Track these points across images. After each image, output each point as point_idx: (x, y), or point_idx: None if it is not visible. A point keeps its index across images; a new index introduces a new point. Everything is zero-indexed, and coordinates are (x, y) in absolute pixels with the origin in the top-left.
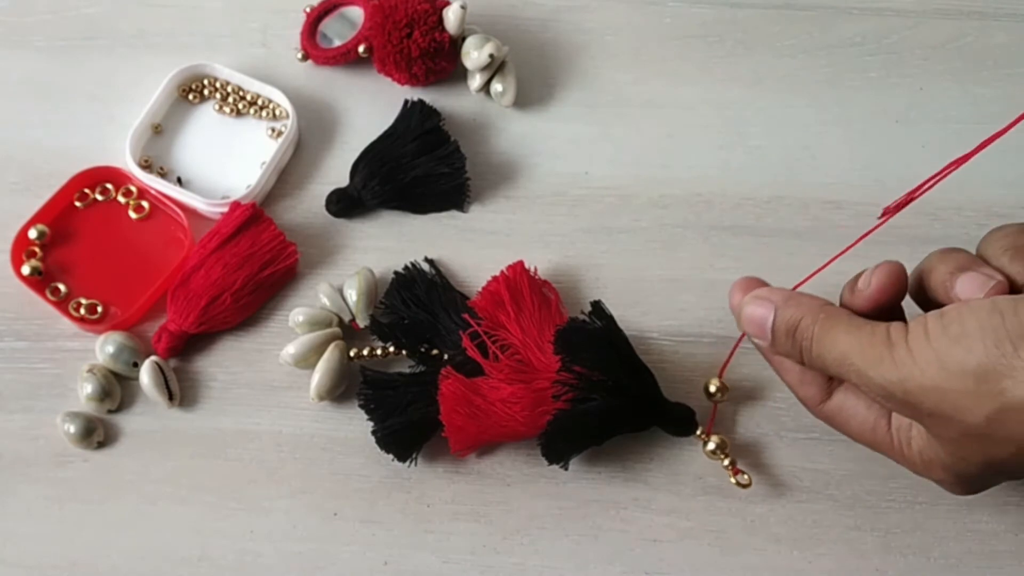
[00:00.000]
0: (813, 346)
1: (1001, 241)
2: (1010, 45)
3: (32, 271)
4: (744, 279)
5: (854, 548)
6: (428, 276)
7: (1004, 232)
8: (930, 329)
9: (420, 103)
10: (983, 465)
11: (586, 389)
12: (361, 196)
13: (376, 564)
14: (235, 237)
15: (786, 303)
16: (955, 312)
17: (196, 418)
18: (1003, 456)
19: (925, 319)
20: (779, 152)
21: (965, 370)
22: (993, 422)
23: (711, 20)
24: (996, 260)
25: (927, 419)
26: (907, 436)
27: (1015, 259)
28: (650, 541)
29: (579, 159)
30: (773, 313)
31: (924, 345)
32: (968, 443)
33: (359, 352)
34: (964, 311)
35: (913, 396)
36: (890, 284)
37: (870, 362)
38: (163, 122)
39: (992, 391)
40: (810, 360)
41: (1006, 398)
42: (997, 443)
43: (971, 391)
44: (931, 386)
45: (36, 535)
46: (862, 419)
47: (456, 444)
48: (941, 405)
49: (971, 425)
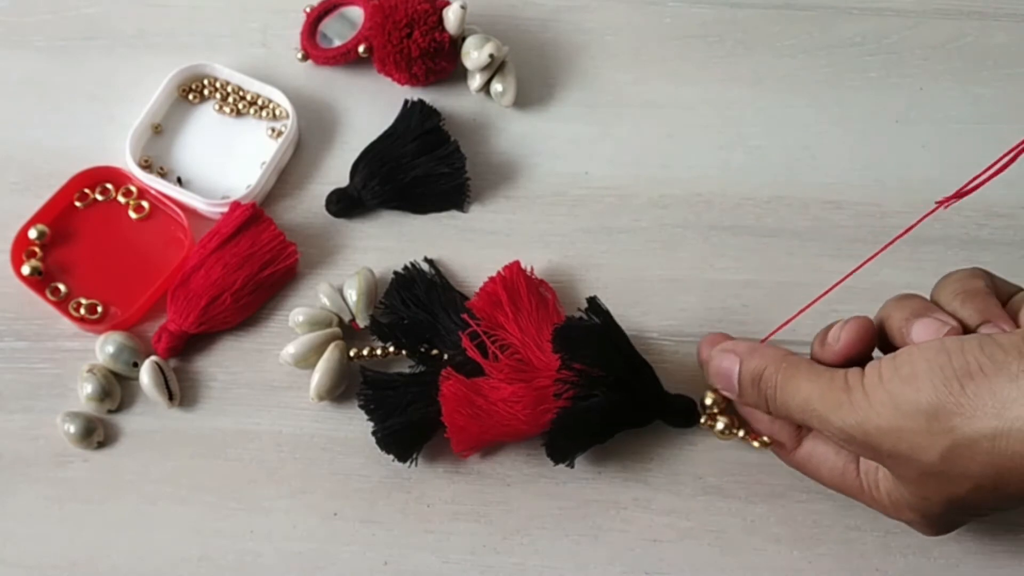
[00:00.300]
0: (777, 394)
1: (952, 286)
2: (1010, 45)
3: (32, 271)
4: (711, 335)
5: (854, 548)
6: (428, 276)
7: (955, 278)
8: (883, 372)
9: (420, 103)
10: (945, 503)
11: (587, 386)
12: (361, 196)
13: (376, 564)
14: (235, 237)
15: (750, 354)
16: (906, 354)
17: (196, 418)
18: (962, 493)
19: (879, 363)
20: (779, 152)
21: (917, 410)
22: (947, 460)
23: (711, 20)
24: (948, 305)
25: (887, 460)
26: (875, 479)
27: (966, 303)
28: (650, 541)
29: (579, 159)
30: (738, 365)
31: (878, 388)
32: (928, 482)
33: (359, 352)
34: (914, 352)
35: (872, 438)
36: (858, 340)
37: (830, 407)
38: (163, 122)
39: (943, 428)
40: (775, 408)
41: (956, 435)
42: (954, 480)
43: (924, 430)
44: (887, 427)
45: (36, 535)
46: (831, 465)
47: (459, 445)
48: (898, 445)
49: (927, 464)
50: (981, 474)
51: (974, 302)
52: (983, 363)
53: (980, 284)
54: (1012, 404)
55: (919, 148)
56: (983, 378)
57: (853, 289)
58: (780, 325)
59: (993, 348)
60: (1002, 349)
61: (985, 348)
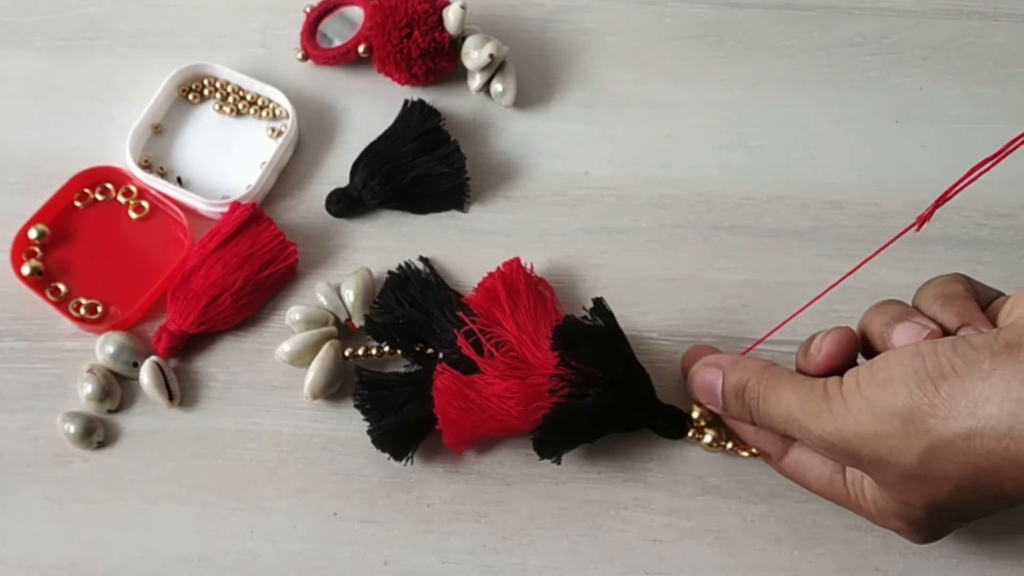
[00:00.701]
0: (760, 405)
1: (932, 291)
2: (1010, 45)
3: (32, 271)
4: (693, 348)
5: (854, 548)
6: (423, 275)
7: (935, 283)
8: (860, 378)
9: (420, 103)
10: (928, 508)
11: (582, 385)
12: (361, 196)
13: (376, 564)
14: (235, 237)
15: (732, 367)
16: (882, 360)
17: (196, 418)
18: (943, 495)
19: (857, 370)
20: (779, 152)
21: (893, 413)
22: (925, 462)
23: (711, 20)
24: (928, 309)
25: (868, 466)
26: (861, 488)
27: (945, 307)
28: (650, 541)
29: (579, 159)
30: (721, 378)
31: (856, 394)
32: (908, 486)
33: (354, 352)
34: (890, 357)
35: (851, 445)
36: (839, 351)
37: (810, 416)
38: (163, 122)
39: (919, 431)
40: (759, 419)
41: (932, 436)
42: (934, 483)
43: (900, 433)
44: (864, 433)
45: (36, 535)
46: (819, 474)
47: (450, 438)
48: (877, 450)
49: (906, 467)
50: (959, 475)
51: (953, 306)
52: (956, 364)
53: (959, 288)
54: (985, 403)
55: (919, 148)
56: (956, 378)
57: (852, 289)
58: (773, 328)
59: (966, 348)
60: (974, 349)
61: (958, 349)
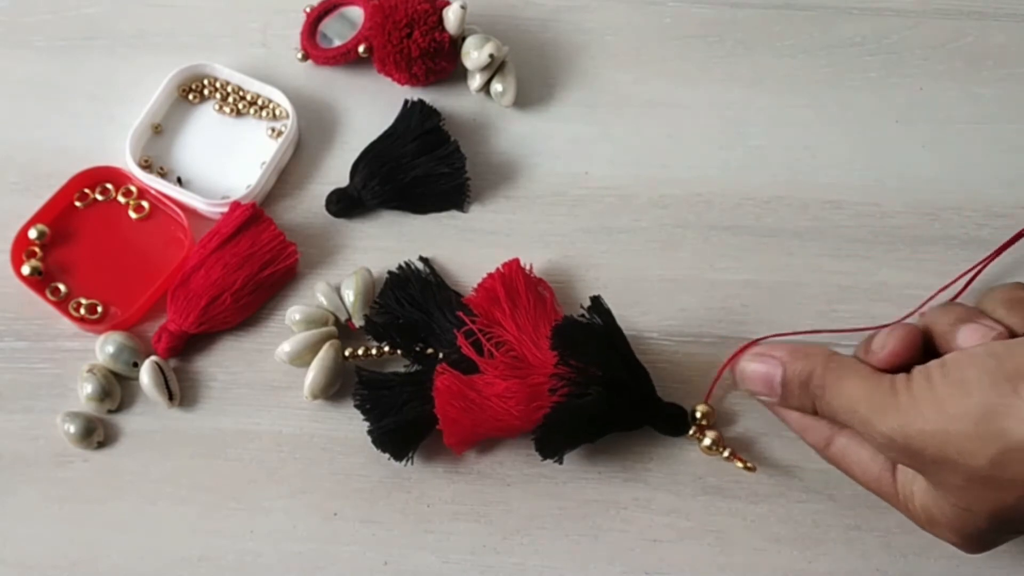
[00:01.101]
0: (824, 394)
1: (998, 295)
2: (1010, 45)
3: (32, 271)
4: (748, 345)
5: (854, 548)
6: (422, 275)
7: (1000, 288)
8: (932, 376)
9: (420, 103)
10: (989, 515)
11: (582, 384)
12: (361, 196)
13: (376, 564)
14: (235, 237)
15: (793, 357)
16: (955, 359)
17: (196, 418)
18: (1011, 501)
19: (928, 367)
20: (779, 152)
21: (966, 413)
22: (997, 465)
23: (711, 20)
24: (994, 312)
25: (931, 467)
26: (910, 491)
27: (1012, 310)
28: (650, 541)
29: (579, 159)
30: (781, 369)
31: (926, 391)
32: (973, 490)
33: (354, 352)
34: (963, 357)
35: (915, 442)
36: (903, 349)
37: (875, 410)
38: (163, 122)
39: (993, 432)
40: (821, 409)
41: (1008, 438)
42: (1003, 487)
43: (972, 434)
44: (932, 431)
45: (36, 535)
46: (866, 468)
47: (450, 438)
48: (944, 449)
49: (975, 469)
50: None
51: (1021, 309)
52: None
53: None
54: None
55: (919, 148)
56: None
57: (852, 289)
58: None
59: None
60: None
61: None
